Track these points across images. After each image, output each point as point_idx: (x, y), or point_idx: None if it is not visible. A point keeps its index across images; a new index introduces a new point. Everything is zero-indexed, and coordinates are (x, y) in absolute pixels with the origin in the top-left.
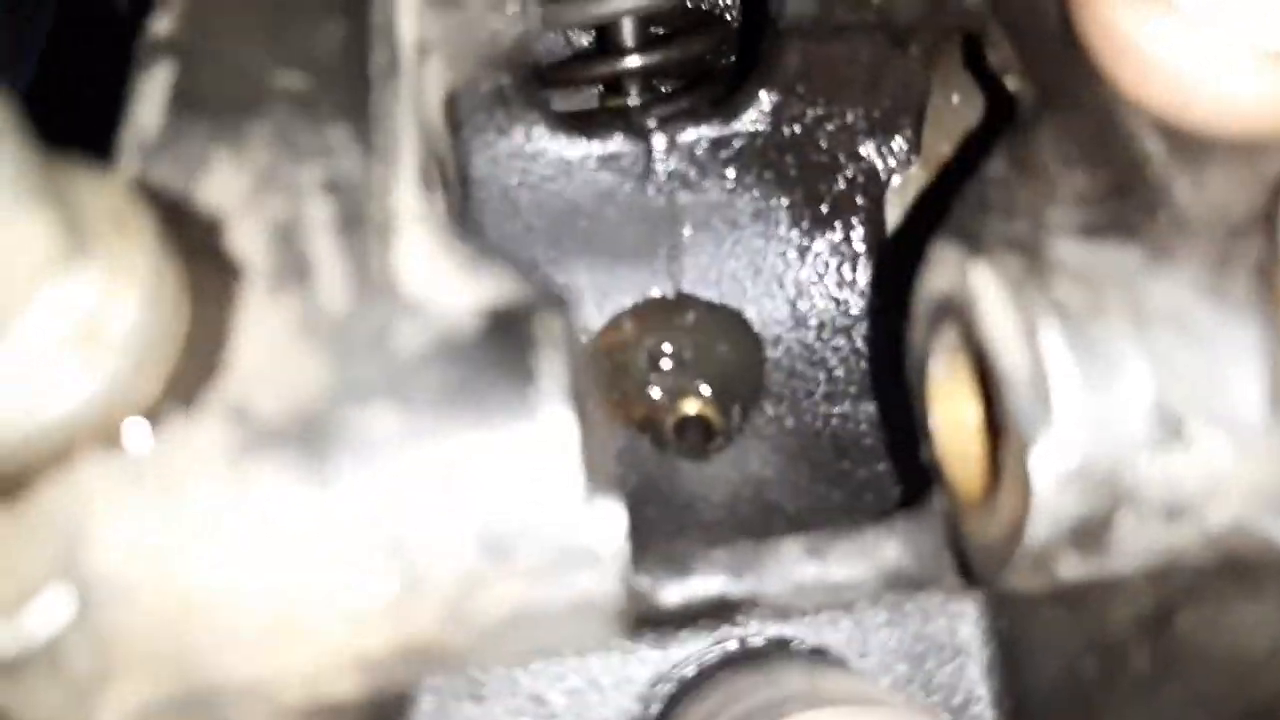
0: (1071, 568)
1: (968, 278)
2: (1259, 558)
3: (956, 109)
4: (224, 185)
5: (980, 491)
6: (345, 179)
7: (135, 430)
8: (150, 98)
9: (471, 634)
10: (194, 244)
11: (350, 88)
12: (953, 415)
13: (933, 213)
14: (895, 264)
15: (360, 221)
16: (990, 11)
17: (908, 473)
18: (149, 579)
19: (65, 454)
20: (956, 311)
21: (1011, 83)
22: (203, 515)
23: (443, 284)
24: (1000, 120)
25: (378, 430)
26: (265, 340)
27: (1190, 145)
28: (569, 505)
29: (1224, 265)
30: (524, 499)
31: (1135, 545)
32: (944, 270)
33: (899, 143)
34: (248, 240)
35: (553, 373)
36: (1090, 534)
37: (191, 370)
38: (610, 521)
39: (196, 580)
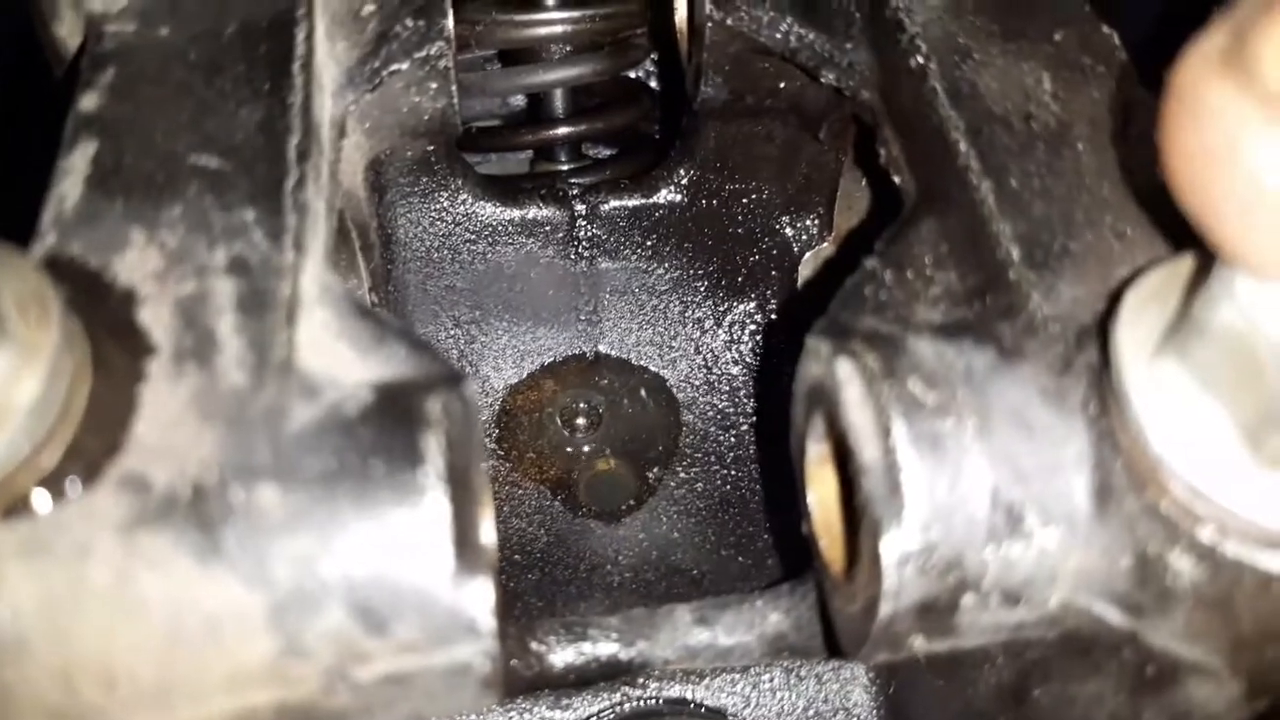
0: (923, 644)
1: (833, 370)
2: (1093, 635)
3: (866, 191)
4: (137, 263)
5: (844, 568)
6: (254, 259)
7: (36, 498)
8: (73, 174)
9: (352, 699)
10: (105, 319)
11: (265, 169)
12: (824, 495)
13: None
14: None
15: (265, 301)
16: (883, 110)
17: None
18: (44, 638)
19: None
20: (825, 400)
21: (897, 179)
22: (96, 579)
23: (340, 362)
24: (885, 213)
25: (263, 507)
26: (165, 414)
27: (1047, 252)
28: (441, 585)
29: (1066, 369)
30: (399, 577)
31: (979, 625)
32: (816, 361)
33: (811, 219)
34: (156, 317)
35: (433, 457)
36: (938, 614)
37: (93, 441)
38: (481, 599)
39: (89, 640)
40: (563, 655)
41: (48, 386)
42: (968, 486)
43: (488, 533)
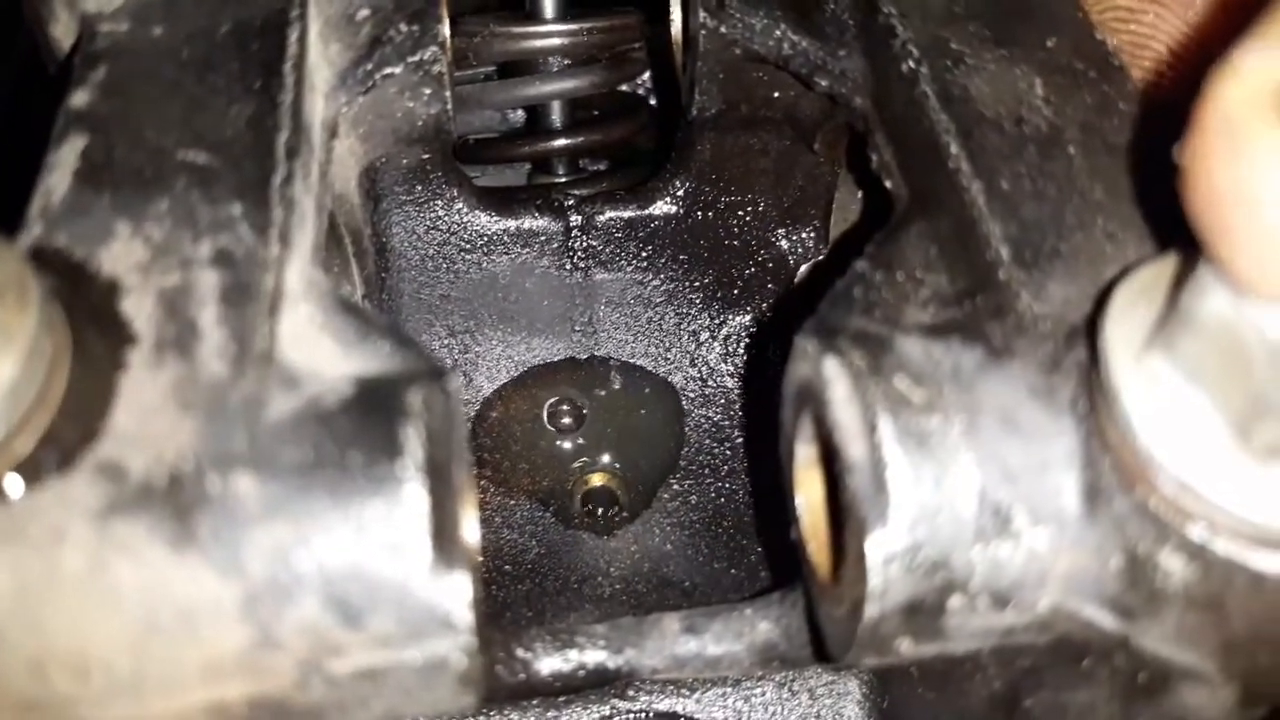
0: (910, 647)
1: (820, 369)
2: (1084, 641)
3: (861, 203)
4: (122, 255)
5: (831, 572)
6: (239, 252)
7: (8, 483)
8: (61, 168)
9: (327, 693)
10: (88, 309)
11: (253, 165)
12: (812, 498)
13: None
14: None
15: (248, 293)
16: (875, 117)
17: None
18: (16, 625)
19: None
20: (812, 399)
21: (889, 184)
22: (69, 566)
23: (322, 355)
24: (877, 220)
25: (239, 496)
26: (144, 403)
27: (1037, 253)
28: (418, 578)
29: (1055, 368)
30: (375, 569)
31: (967, 628)
32: (804, 360)
33: (807, 232)
34: (138, 307)
35: (413, 449)
36: (925, 616)
37: (69, 429)
38: (459, 592)
39: (62, 628)
40: (549, 662)
41: (24, 370)
42: (955, 485)
43: (469, 529)
